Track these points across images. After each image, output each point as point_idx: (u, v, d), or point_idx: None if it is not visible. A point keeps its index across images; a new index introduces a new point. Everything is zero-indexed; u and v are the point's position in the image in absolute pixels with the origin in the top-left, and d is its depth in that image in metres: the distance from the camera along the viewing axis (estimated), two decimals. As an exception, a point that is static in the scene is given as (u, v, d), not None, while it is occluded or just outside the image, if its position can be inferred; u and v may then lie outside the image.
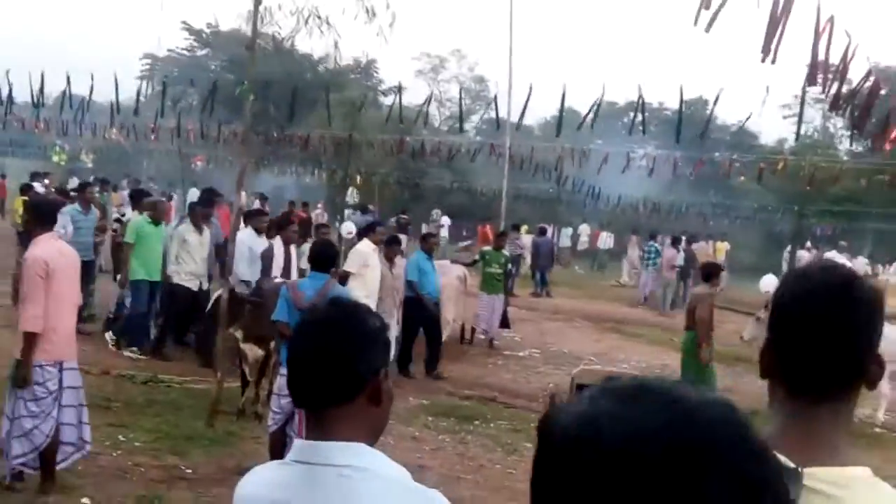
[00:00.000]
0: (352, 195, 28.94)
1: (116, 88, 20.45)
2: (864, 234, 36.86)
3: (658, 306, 23.68)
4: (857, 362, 1.74)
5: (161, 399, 10.08)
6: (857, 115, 10.18)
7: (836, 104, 9.77)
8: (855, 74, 10.46)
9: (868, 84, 10.32)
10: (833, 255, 28.75)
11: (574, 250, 39.07)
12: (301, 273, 11.35)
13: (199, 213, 12.84)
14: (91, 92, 21.19)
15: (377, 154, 29.20)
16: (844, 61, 9.15)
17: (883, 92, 11.44)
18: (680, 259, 23.89)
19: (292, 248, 12.11)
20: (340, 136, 24.72)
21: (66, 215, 12.68)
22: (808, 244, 31.83)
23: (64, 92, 22.16)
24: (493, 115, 19.58)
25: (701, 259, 29.23)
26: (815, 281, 1.80)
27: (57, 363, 6.67)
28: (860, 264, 29.51)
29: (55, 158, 40.19)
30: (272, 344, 9.11)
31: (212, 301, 11.30)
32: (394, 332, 12.37)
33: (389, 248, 12.97)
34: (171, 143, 26.95)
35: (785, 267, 26.88)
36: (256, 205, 21.96)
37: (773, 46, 7.48)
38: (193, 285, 12.41)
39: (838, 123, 47.80)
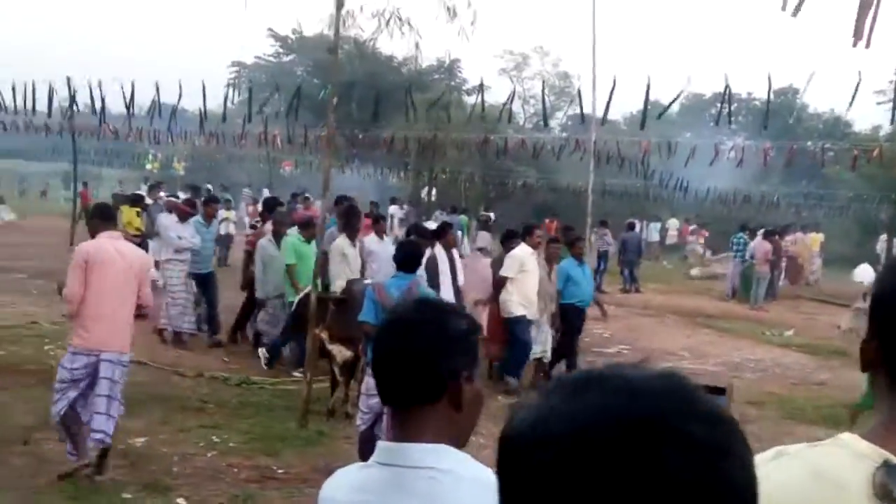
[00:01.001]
0: (430, 195, 28.94)
1: (204, 96, 20.86)
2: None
3: (747, 300, 23.16)
4: None
5: (254, 401, 10.23)
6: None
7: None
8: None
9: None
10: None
11: (662, 245, 38.58)
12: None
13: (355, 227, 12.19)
14: (179, 99, 21.61)
15: (461, 153, 29.21)
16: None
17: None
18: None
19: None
20: (424, 136, 24.79)
21: (192, 226, 13.15)
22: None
23: (154, 101, 22.68)
24: (577, 110, 19.35)
25: (800, 252, 28.72)
26: None
27: (92, 352, 6.86)
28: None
29: (148, 166, 41.12)
30: (360, 345, 9.15)
31: (296, 302, 11.35)
32: (549, 339, 12.31)
33: (547, 250, 12.52)
34: (259, 149, 27.35)
35: (882, 257, 26.05)
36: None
37: (865, 30, 7.21)
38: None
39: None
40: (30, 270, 18.51)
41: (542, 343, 12.21)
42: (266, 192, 26.91)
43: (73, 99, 24.19)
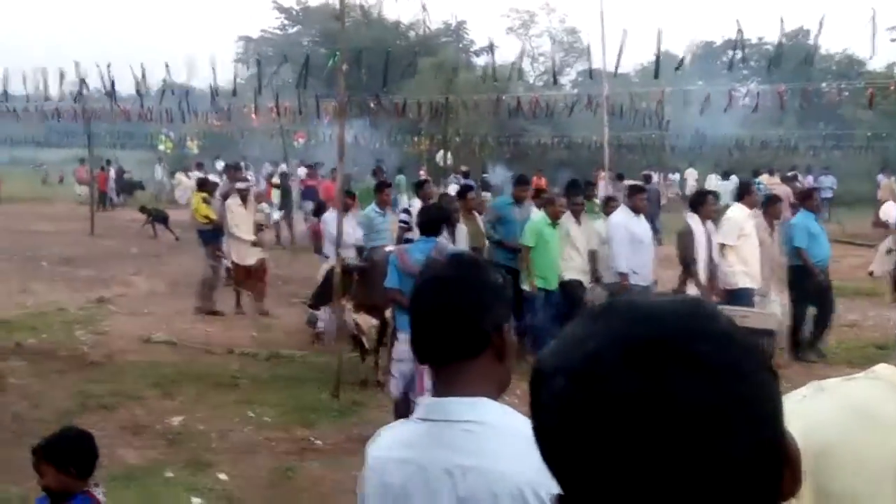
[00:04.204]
0: (443, 158, 28.81)
1: (214, 74, 20.91)
2: None
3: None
4: None
5: (285, 374, 10.29)
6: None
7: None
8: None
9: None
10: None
11: (683, 196, 38.38)
12: None
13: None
14: (190, 77, 21.63)
15: (473, 116, 29.05)
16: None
17: None
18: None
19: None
20: (436, 100, 24.68)
21: (353, 219, 11.84)
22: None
23: (164, 81, 22.66)
24: (587, 66, 19.22)
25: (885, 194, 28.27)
26: None
27: None
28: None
29: (161, 147, 41.14)
30: (387, 312, 9.15)
31: (323, 273, 11.32)
32: (777, 311, 10.84)
33: (773, 208, 11.25)
34: (272, 122, 27.27)
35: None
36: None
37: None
38: (584, 280, 11.19)
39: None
40: (53, 259, 18.61)
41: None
42: (283, 167, 26.86)
43: (82, 83, 24.22)
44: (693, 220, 10.42)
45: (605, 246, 11.04)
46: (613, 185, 23.66)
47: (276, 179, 24.93)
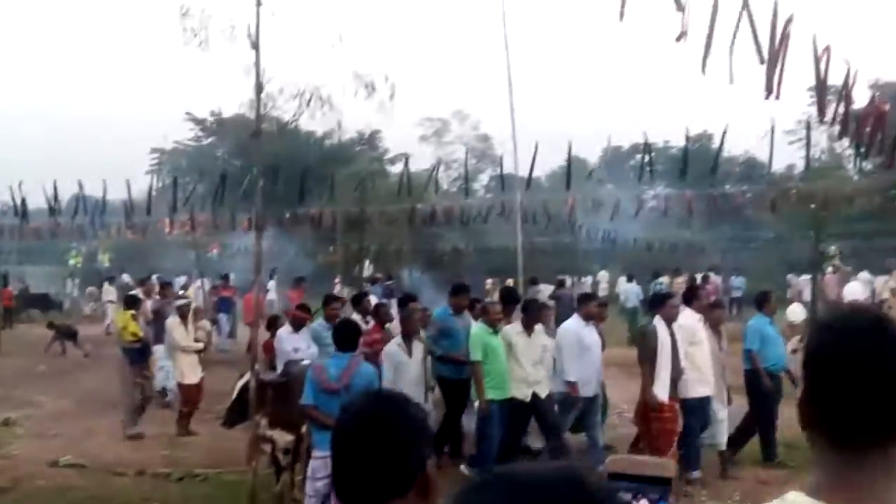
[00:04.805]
0: (368, 268, 28.98)
1: (129, 191, 20.80)
2: (883, 252, 36.54)
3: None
4: None
5: (198, 493, 10.05)
6: (866, 138, 10.21)
7: (844, 130, 9.79)
8: (859, 96, 10.48)
9: (871, 105, 10.35)
10: (858, 277, 28.60)
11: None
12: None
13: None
14: (105, 192, 21.53)
15: (389, 225, 29.28)
16: (847, 87, 9.17)
17: (887, 107, 11.41)
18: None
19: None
20: (352, 210, 24.88)
21: (307, 333, 11.38)
22: (830, 268, 31.57)
23: (77, 197, 22.44)
24: (500, 168, 19.70)
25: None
26: (846, 328, 1.75)
27: None
28: (881, 283, 29.28)
29: (72, 262, 40.55)
30: (303, 428, 9.02)
31: (238, 388, 11.07)
32: (724, 415, 10.57)
33: (714, 313, 10.92)
34: (186, 235, 27.10)
35: (806, 294, 26.55)
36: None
37: (775, 84, 7.50)
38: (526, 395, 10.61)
39: (845, 143, 47.70)
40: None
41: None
42: (195, 280, 26.62)
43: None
44: (658, 323, 9.99)
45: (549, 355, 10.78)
46: (528, 290, 23.89)
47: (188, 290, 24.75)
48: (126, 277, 34.04)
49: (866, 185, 29.96)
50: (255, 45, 13.85)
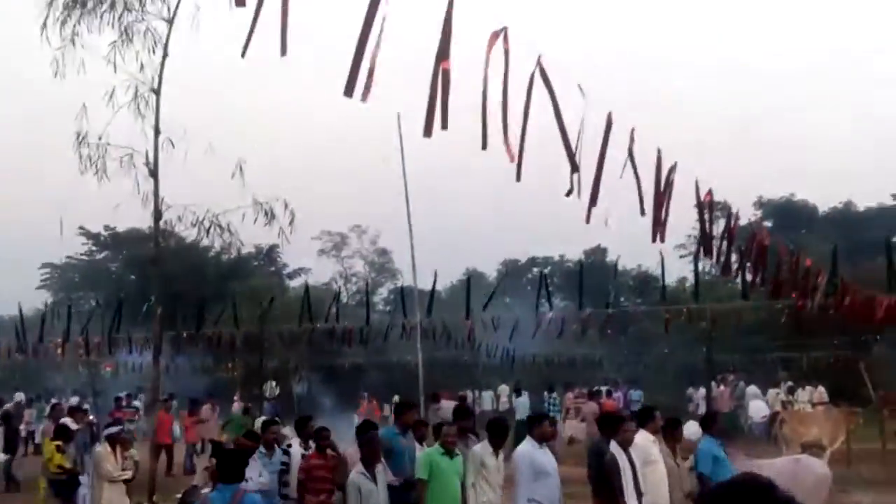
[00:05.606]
0: (270, 388, 28.70)
1: (21, 314, 20.43)
2: (772, 364, 37.72)
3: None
4: None
5: None
6: (749, 272, 10.78)
7: (727, 269, 10.33)
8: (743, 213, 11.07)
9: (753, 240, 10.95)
10: (747, 392, 29.51)
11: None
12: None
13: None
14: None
15: (288, 342, 29.16)
16: (728, 228, 9.70)
17: (767, 242, 12.05)
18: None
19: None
20: (250, 329, 24.78)
21: (257, 462, 10.48)
22: (722, 381, 32.49)
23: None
24: (400, 284, 20.04)
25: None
26: (738, 497, 1.90)
27: None
28: (773, 395, 30.25)
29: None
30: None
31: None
32: None
33: (674, 433, 10.63)
34: (78, 354, 26.50)
35: (701, 407, 27.23)
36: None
37: (660, 233, 7.92)
38: None
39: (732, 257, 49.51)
40: None
41: None
42: (79, 402, 25.94)
43: None
44: (615, 449, 9.50)
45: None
46: (429, 407, 23.81)
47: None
48: (19, 395, 32.92)
49: (753, 301, 31.05)
50: (154, 174, 14.02)
